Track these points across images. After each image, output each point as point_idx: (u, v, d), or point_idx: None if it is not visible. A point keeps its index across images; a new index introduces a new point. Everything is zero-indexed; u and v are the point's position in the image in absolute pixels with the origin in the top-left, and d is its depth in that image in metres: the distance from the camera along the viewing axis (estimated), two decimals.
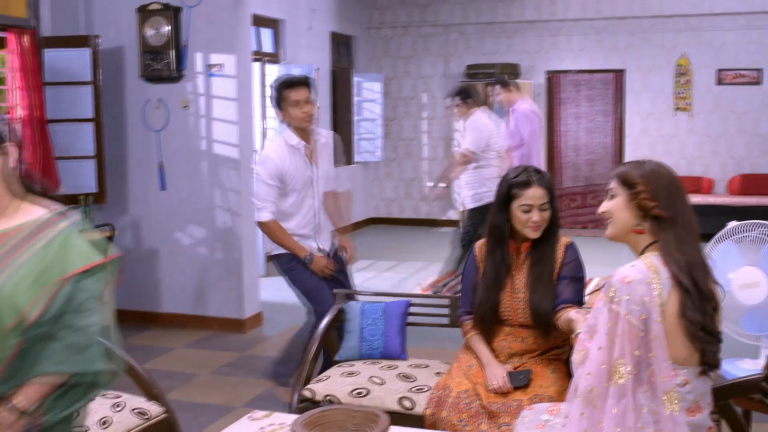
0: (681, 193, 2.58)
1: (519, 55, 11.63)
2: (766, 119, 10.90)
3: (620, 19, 11.20)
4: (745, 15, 10.73)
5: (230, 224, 6.48)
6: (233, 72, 6.36)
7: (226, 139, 6.43)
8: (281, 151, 4.47)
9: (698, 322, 2.46)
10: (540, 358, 3.41)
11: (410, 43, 12.12)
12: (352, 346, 3.85)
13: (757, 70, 10.82)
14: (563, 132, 11.96)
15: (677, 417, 2.45)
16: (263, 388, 5.26)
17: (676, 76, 11.13)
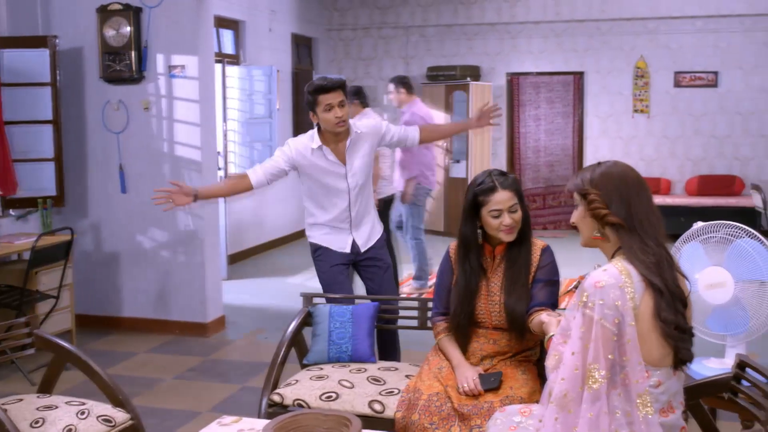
0: (635, 193, 2.57)
1: (479, 57, 11.68)
2: (722, 121, 11.07)
3: (579, 22, 11.30)
4: (701, 18, 10.90)
5: (192, 227, 6.41)
6: (195, 73, 6.30)
7: (188, 141, 6.35)
8: (305, 148, 4.42)
9: (672, 321, 2.48)
10: (511, 359, 3.41)
11: (371, 45, 12.11)
12: (321, 349, 3.82)
13: (713, 72, 10.99)
14: (523, 134, 12.04)
15: (651, 419, 2.46)
16: (228, 392, 5.22)
17: (635, 79, 11.27)
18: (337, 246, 4.53)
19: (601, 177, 2.61)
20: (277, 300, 7.77)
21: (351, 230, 4.54)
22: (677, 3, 10.85)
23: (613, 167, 2.64)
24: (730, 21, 10.83)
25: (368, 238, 4.60)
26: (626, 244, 2.54)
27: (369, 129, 4.53)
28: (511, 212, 3.32)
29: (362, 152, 4.47)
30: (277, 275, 8.90)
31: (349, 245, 4.54)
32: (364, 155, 4.47)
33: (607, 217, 2.58)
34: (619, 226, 2.56)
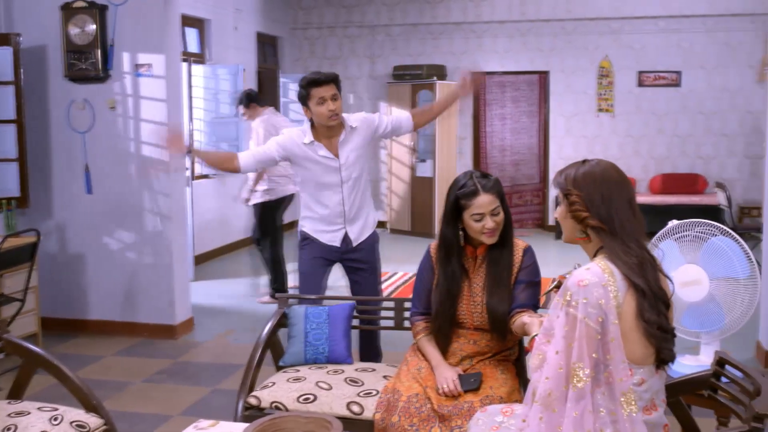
0: (617, 195, 2.56)
1: (445, 56, 11.69)
2: (685, 120, 11.20)
3: (544, 22, 11.36)
4: (664, 18, 11.01)
5: (160, 228, 6.32)
6: (162, 72, 6.21)
7: (155, 141, 6.26)
8: (297, 138, 4.42)
9: (655, 322, 2.48)
10: (490, 359, 3.40)
11: (336, 44, 12.07)
12: (297, 351, 3.78)
13: (676, 72, 11.11)
14: (489, 133, 12.08)
15: (635, 417, 2.46)
16: (199, 395, 5.15)
17: (599, 78, 11.35)
18: (326, 239, 4.53)
19: (583, 177, 2.60)
20: (245, 301, 7.70)
21: (345, 224, 4.53)
22: (641, 3, 10.96)
23: (596, 167, 2.62)
24: (692, 21, 10.96)
25: (360, 232, 4.61)
26: (608, 246, 2.54)
27: (362, 123, 4.52)
28: (493, 215, 3.30)
29: (355, 145, 4.46)
30: (244, 276, 8.82)
31: (339, 239, 4.53)
32: (357, 148, 4.47)
33: (587, 220, 2.57)
34: (600, 228, 2.56)
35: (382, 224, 12.08)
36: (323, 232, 4.54)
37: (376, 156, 12.12)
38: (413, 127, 4.71)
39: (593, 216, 2.56)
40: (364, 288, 4.56)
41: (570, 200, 2.61)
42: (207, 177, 9.64)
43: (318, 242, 4.53)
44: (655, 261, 2.60)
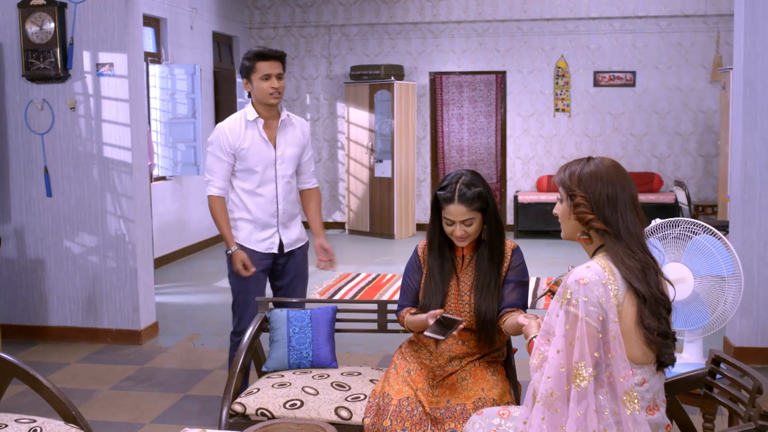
0: (623, 198, 2.55)
1: (402, 56, 11.67)
2: (640, 120, 11.34)
3: (501, 22, 11.41)
4: (619, 19, 11.14)
5: (123, 231, 6.17)
6: (124, 72, 6.06)
7: (118, 142, 6.11)
8: (236, 124, 4.24)
9: (655, 328, 2.47)
10: (479, 361, 3.36)
11: (293, 44, 11.96)
12: (281, 355, 3.70)
13: (631, 72, 11.25)
14: (447, 133, 12.08)
15: (638, 416, 2.45)
16: (170, 402, 5.03)
17: (556, 78, 11.43)
18: (263, 247, 4.34)
19: (589, 177, 2.57)
20: (208, 305, 7.58)
21: (278, 227, 4.35)
22: (596, 4, 11.06)
23: (601, 166, 2.59)
24: (646, 22, 11.10)
25: (296, 240, 4.45)
26: (611, 249, 2.52)
27: (298, 122, 4.42)
28: (464, 224, 3.25)
29: (292, 141, 4.33)
30: (204, 280, 8.69)
31: (276, 244, 4.36)
32: (293, 145, 4.33)
33: (592, 223, 2.55)
34: (604, 231, 2.54)
35: (340, 225, 12.01)
36: (259, 241, 4.33)
37: (334, 156, 12.05)
38: (301, 191, 4.55)
39: (598, 218, 2.54)
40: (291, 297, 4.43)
41: (575, 202, 2.58)
42: (164, 179, 9.47)
43: (253, 253, 4.31)
44: (657, 265, 2.60)
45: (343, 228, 11.97)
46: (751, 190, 5.47)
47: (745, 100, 5.43)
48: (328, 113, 11.99)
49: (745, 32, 5.40)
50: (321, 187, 11.85)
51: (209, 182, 4.29)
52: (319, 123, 12.04)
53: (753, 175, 5.47)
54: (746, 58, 5.41)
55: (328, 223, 12.02)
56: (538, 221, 11.08)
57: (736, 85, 5.58)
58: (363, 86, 11.27)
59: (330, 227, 12.02)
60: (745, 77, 5.42)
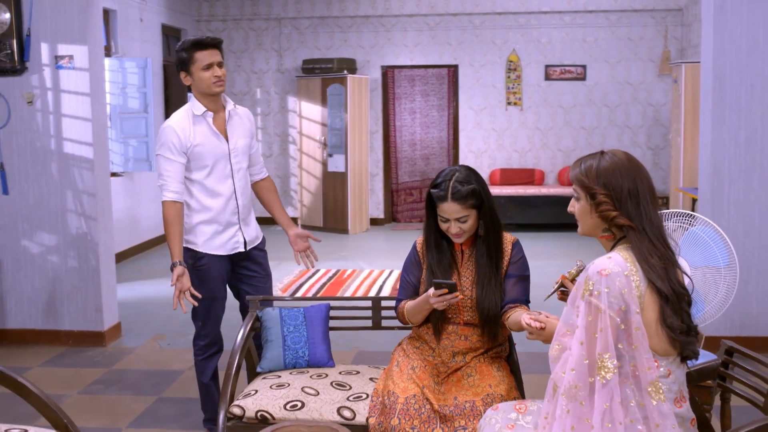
0: (641, 188, 2.54)
1: (354, 50, 11.58)
2: (590, 113, 11.46)
3: (453, 16, 11.40)
4: (569, 14, 11.24)
5: (84, 230, 5.97)
6: (85, 64, 5.86)
7: (79, 137, 5.91)
8: (184, 121, 3.92)
9: (678, 327, 2.45)
10: (483, 356, 3.32)
11: (242, 37, 11.78)
12: (276, 355, 3.60)
13: (581, 66, 11.36)
14: (399, 127, 12.04)
15: (663, 408, 2.43)
16: (144, 404, 4.88)
17: (508, 72, 11.48)
18: (229, 248, 4.07)
19: (608, 173, 2.54)
20: (168, 304, 7.39)
21: (240, 224, 4.09)
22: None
23: (617, 160, 2.57)
24: (596, 16, 11.22)
25: (255, 237, 4.23)
26: (635, 245, 2.49)
27: (243, 112, 4.19)
28: (459, 221, 3.21)
29: (242, 133, 4.08)
30: (161, 278, 8.49)
31: (241, 243, 4.10)
32: (244, 137, 4.09)
33: (617, 220, 2.52)
34: (628, 227, 2.52)
35: (293, 221, 11.86)
36: (222, 243, 4.04)
37: (285, 151, 11.90)
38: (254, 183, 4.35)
39: (622, 214, 2.52)
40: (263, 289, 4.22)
41: (597, 200, 2.54)
42: (116, 175, 9.22)
43: (216, 258, 4.03)
44: (676, 260, 2.58)
45: (296, 223, 11.82)
46: (720, 183, 5.54)
47: (714, 94, 5.49)
48: (279, 107, 11.83)
49: (714, 28, 5.46)
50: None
51: (163, 187, 3.91)
52: (269, 117, 11.88)
53: (721, 168, 5.54)
54: (715, 54, 5.47)
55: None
56: None
57: (705, 80, 5.64)
58: (315, 80, 11.15)
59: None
60: (714, 72, 5.48)
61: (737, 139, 5.50)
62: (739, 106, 5.47)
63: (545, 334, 2.83)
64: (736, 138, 5.50)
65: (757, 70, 5.44)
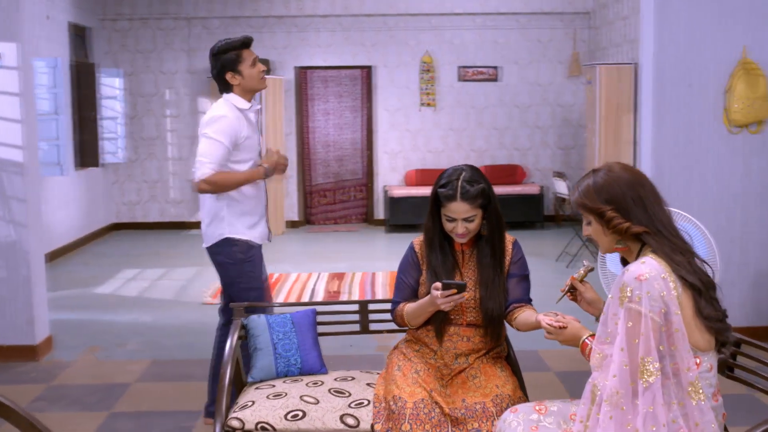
0: (646, 193, 2.59)
1: (267, 50, 11.39)
2: (503, 114, 11.65)
3: (367, 17, 11.38)
4: (481, 16, 11.39)
5: (14, 238, 5.63)
6: (14, 63, 5.53)
7: (7, 139, 5.57)
8: (235, 112, 4.03)
9: (713, 316, 2.51)
10: (485, 357, 3.29)
11: (150, 37, 11.42)
12: (267, 364, 3.47)
13: (494, 67, 11.52)
14: (312, 128, 11.93)
15: (703, 407, 2.46)
16: (98, 421, 4.63)
17: (421, 73, 11.54)
18: (264, 237, 4.25)
19: (607, 188, 2.59)
20: (93, 313, 7.09)
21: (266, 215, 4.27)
22: (460, 0, 11.25)
23: (612, 174, 2.63)
24: (507, 19, 11.41)
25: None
26: (657, 248, 2.53)
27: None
28: (466, 221, 3.17)
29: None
30: (79, 286, 8.13)
31: (268, 234, 4.32)
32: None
33: (631, 230, 2.55)
34: (643, 234, 2.55)
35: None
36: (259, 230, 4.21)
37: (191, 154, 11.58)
38: None
39: (635, 223, 2.55)
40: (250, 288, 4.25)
41: (606, 217, 2.57)
42: None
43: (254, 248, 4.18)
44: (693, 249, 2.63)
45: None
46: (661, 181, 5.68)
47: (655, 94, 5.64)
48: (189, 110, 11.53)
49: (654, 29, 5.62)
50: (183, 186, 11.45)
51: (204, 164, 3.92)
52: (179, 120, 11.56)
53: (662, 166, 5.70)
54: (656, 54, 5.63)
55: (193, 222, 11.59)
56: (409, 215, 11.16)
57: (645, 81, 5.79)
58: None
59: (194, 227, 11.60)
60: (655, 72, 5.64)
61: (677, 137, 5.67)
62: (679, 105, 5.64)
63: (566, 334, 2.83)
64: (676, 136, 5.67)
65: (695, 70, 5.62)
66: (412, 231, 11.15)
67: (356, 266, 8.91)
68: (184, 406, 4.84)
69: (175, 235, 11.29)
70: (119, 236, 11.25)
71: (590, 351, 2.71)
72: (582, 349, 2.77)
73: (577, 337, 2.80)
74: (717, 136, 5.66)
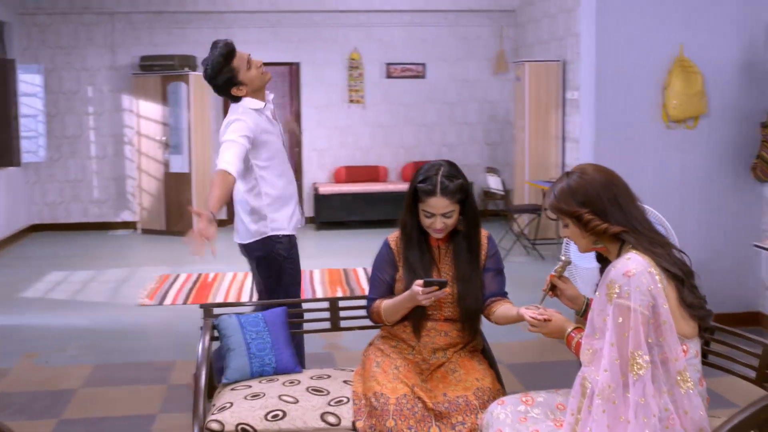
0: (620, 191, 2.66)
1: (193, 46, 11.21)
2: (430, 110, 11.74)
3: (294, 13, 11.30)
4: (409, 13, 11.44)
5: None
6: None
7: None
8: (251, 113, 4.04)
9: (696, 304, 2.58)
10: (462, 351, 3.31)
11: (71, 32, 11.08)
12: (242, 365, 3.41)
13: (421, 64, 11.59)
14: None
15: (692, 394, 2.53)
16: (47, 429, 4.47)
17: (349, 70, 11.52)
18: (297, 225, 4.30)
19: (582, 190, 2.65)
20: (19, 318, 6.85)
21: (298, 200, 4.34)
22: None
23: (585, 176, 2.69)
24: (434, 16, 11.50)
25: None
26: (636, 245, 2.59)
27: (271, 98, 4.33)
28: (444, 217, 3.19)
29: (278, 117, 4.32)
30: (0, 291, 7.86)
31: (302, 218, 4.39)
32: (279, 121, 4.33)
33: (610, 230, 2.61)
34: (621, 233, 2.61)
35: (131, 225, 11.35)
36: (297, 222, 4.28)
37: (120, 152, 11.33)
38: None
39: (613, 224, 2.61)
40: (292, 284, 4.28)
41: (584, 220, 2.62)
42: None
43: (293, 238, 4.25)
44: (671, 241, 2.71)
45: (135, 228, 11.32)
46: None
47: (597, 90, 5.77)
48: (112, 106, 11.24)
49: (596, 27, 5.74)
50: (107, 185, 11.18)
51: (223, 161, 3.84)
52: (102, 117, 11.25)
53: (603, 160, 5.78)
54: (597, 52, 5.75)
55: (118, 222, 11.32)
56: (338, 212, 11.15)
57: (586, 77, 5.91)
58: (154, 77, 10.68)
59: (119, 227, 11.34)
60: (596, 68, 5.76)
61: (617, 132, 5.81)
62: (618, 101, 5.78)
63: (550, 327, 2.87)
64: (616, 132, 5.81)
65: (634, 67, 5.77)
66: (341, 228, 11.14)
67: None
68: (137, 410, 4.72)
69: (100, 235, 11.00)
70: (40, 238, 10.89)
71: (577, 344, 2.76)
72: (568, 341, 2.82)
73: (562, 330, 2.85)
74: (655, 131, 5.82)
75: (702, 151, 5.86)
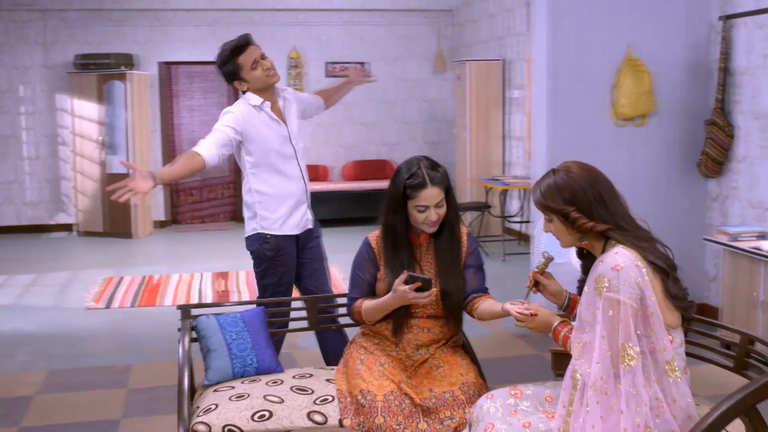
0: (605, 190, 2.72)
1: (129, 44, 11.01)
2: (370, 109, 11.77)
3: (233, 11, 11.20)
4: (348, 12, 11.46)
5: None
6: None
7: None
8: (244, 106, 4.10)
9: (681, 296, 2.67)
10: (445, 347, 3.35)
11: (2, 30, 10.77)
12: (223, 365, 3.38)
13: (361, 63, 11.60)
14: (178, 125, 11.64)
15: (680, 383, 2.62)
16: None
17: (289, 69, 11.47)
18: (301, 226, 4.23)
19: (569, 188, 2.70)
20: None
21: (307, 203, 4.27)
22: None
23: (571, 172, 2.74)
24: (373, 15, 11.54)
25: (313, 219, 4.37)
26: (622, 240, 2.66)
27: (291, 94, 4.33)
28: (437, 207, 3.23)
29: (295, 115, 4.25)
30: None
31: (311, 220, 4.30)
32: (296, 119, 4.26)
33: (596, 228, 2.68)
34: (606, 230, 2.68)
35: (67, 227, 11.09)
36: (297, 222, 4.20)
37: (55, 153, 11.06)
38: (324, 106, 4.55)
39: (599, 222, 2.67)
40: (321, 284, 4.27)
41: (571, 218, 2.68)
42: None
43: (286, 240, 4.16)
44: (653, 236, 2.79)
45: (71, 230, 11.06)
46: None
47: (549, 88, 5.88)
48: (46, 106, 10.96)
49: (547, 26, 5.85)
50: (41, 187, 10.92)
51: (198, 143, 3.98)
52: (35, 117, 10.97)
53: (557, 158, 5.90)
54: (549, 51, 5.86)
55: (52, 225, 11.06)
56: None
57: (540, 75, 6.02)
58: (90, 76, 10.46)
59: (55, 230, 11.08)
60: (549, 68, 5.87)
61: (569, 130, 5.93)
62: (570, 99, 5.90)
63: (537, 321, 2.93)
64: (569, 130, 5.93)
65: (585, 67, 5.90)
66: None
67: (237, 265, 8.73)
68: (100, 415, 4.64)
69: (35, 238, 10.72)
70: None
71: (564, 337, 2.82)
72: (555, 335, 2.87)
73: (549, 323, 2.91)
74: (606, 129, 5.96)
75: (651, 148, 6.02)
